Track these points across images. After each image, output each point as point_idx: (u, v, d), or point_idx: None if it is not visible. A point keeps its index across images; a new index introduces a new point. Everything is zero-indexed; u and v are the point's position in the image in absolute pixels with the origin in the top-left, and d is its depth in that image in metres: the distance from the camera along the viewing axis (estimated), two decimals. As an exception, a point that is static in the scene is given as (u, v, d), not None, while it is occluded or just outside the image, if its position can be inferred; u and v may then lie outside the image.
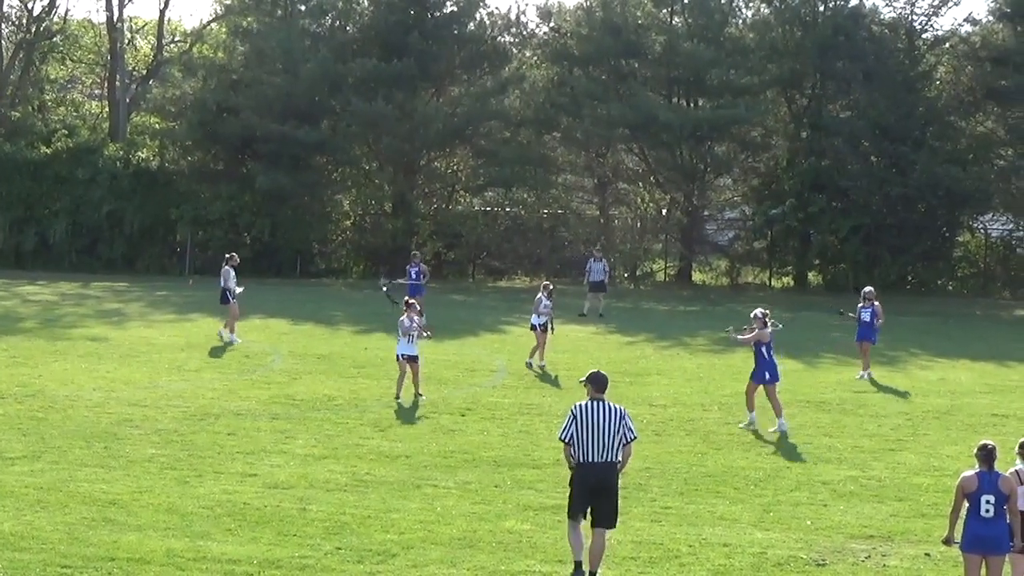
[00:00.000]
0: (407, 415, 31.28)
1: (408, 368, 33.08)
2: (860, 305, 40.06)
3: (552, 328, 39.96)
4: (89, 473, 24.41)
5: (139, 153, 76.16)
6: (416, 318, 33.46)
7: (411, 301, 34.53)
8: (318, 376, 36.34)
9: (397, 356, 33.28)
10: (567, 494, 19.49)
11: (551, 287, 41.11)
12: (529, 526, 21.61)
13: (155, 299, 54.19)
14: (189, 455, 26.18)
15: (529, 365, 39.22)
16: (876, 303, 39.91)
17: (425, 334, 33.77)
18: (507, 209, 78.71)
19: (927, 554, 20.36)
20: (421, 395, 33.03)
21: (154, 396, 32.76)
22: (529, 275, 74.64)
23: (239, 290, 44.21)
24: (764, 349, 30.90)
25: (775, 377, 30.90)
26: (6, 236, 73.14)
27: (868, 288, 41.23)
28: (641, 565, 19.68)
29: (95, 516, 21.43)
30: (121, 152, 75.37)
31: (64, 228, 72.61)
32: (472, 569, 19.28)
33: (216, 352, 41.00)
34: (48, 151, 75.10)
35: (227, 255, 46.58)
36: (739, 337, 31.65)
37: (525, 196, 77.21)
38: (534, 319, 40.05)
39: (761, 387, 30.83)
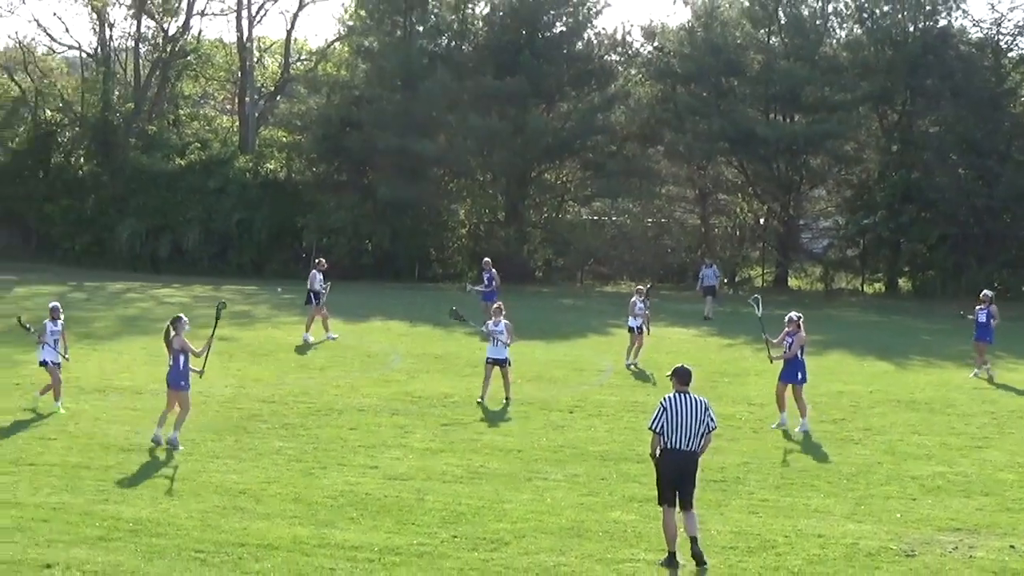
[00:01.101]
0: (519, 412, 31.30)
1: (495, 371, 32.78)
2: (977, 307, 39.99)
3: (647, 330, 39.94)
4: (221, 464, 24.66)
5: (267, 165, 76.88)
6: (504, 322, 33.25)
7: (498, 305, 34.20)
8: (435, 375, 36.43)
9: (487, 360, 33.09)
10: (655, 483, 19.61)
11: (645, 290, 41.10)
12: (634, 517, 21.60)
13: (281, 302, 54.54)
14: (314, 448, 26.38)
15: (628, 366, 39.21)
16: (992, 305, 39.85)
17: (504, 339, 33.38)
18: (613, 218, 78.97)
19: (1012, 546, 20.19)
20: (508, 399, 32.52)
21: (281, 392, 33.00)
22: (634, 280, 74.52)
23: (326, 288, 44.47)
24: (800, 350, 30.52)
25: (805, 378, 30.44)
26: (143, 242, 73.85)
27: (986, 291, 41.14)
28: (740, 554, 19.64)
29: (226, 504, 21.64)
30: (250, 164, 76.00)
31: (197, 235, 73.24)
32: (580, 557, 19.29)
33: (341, 351, 41.16)
34: (182, 163, 75.84)
35: (316, 260, 46.94)
36: (786, 353, 30.83)
37: (630, 206, 77.49)
38: (630, 321, 40.08)
39: (790, 387, 30.36)
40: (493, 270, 50.31)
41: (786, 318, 30.88)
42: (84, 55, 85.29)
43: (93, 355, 38.82)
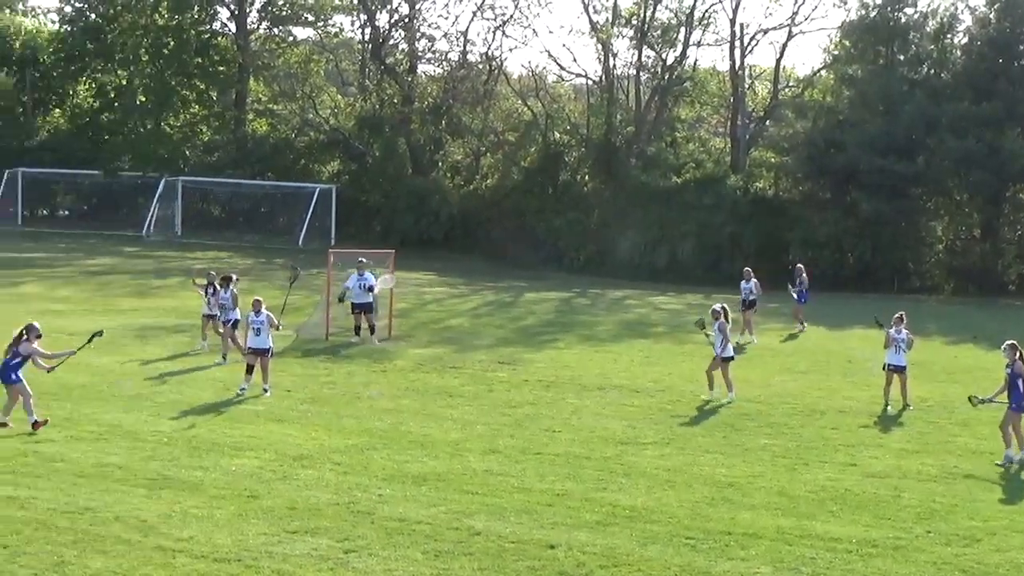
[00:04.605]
0: (994, 417, 30.35)
1: (895, 378, 31.63)
2: None
3: None
4: (710, 458, 24.76)
5: (756, 183, 76.93)
6: (904, 330, 32.13)
7: (899, 314, 32.75)
8: (912, 381, 35.49)
9: (884, 366, 31.95)
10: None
11: None
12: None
13: (768, 310, 54.26)
14: (797, 445, 26.24)
15: None
16: None
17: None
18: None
19: None
20: (908, 405, 31.39)
21: (767, 393, 32.91)
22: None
23: (757, 293, 45.32)
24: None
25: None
26: (642, 253, 74.68)
27: None
28: None
29: (715, 496, 21.70)
30: (741, 182, 76.19)
31: (691, 247, 73.70)
32: (1053, 555, 18.69)
33: (824, 356, 40.77)
34: (678, 181, 76.58)
35: (744, 269, 47.00)
36: None
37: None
38: None
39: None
40: (804, 275, 48.74)
41: None
42: (590, 82, 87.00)
43: (595, 356, 39.49)
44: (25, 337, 25.59)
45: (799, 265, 50.01)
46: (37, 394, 25.72)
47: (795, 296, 47.70)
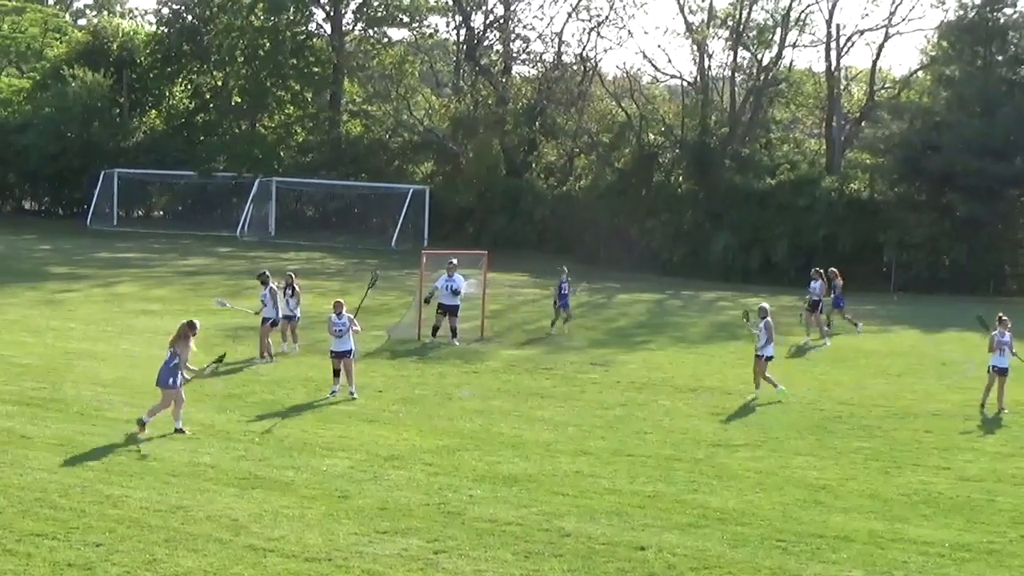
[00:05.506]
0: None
1: (996, 380, 31.16)
2: None
3: None
4: (802, 461, 24.67)
5: (851, 185, 76.31)
6: (1007, 333, 31.72)
7: (1001, 316, 32.43)
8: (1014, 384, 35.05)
9: (988, 368, 31.46)
10: None
11: None
12: None
13: (860, 312, 53.84)
14: (890, 448, 26.07)
15: None
16: None
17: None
18: None
19: None
20: (1002, 408, 30.91)
21: (860, 396, 32.70)
22: None
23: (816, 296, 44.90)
24: None
25: None
26: (735, 255, 74.41)
27: None
28: None
29: (807, 498, 21.64)
30: (836, 184, 75.67)
31: (785, 249, 73.28)
32: None
33: (917, 359, 40.47)
34: (772, 182, 76.17)
35: (813, 269, 47.14)
36: None
37: None
38: None
39: None
40: (838, 279, 47.13)
41: None
42: (684, 83, 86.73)
43: (687, 357, 39.41)
44: (186, 335, 25.50)
45: (832, 269, 48.73)
46: (138, 393, 25.94)
47: (831, 301, 47.07)
